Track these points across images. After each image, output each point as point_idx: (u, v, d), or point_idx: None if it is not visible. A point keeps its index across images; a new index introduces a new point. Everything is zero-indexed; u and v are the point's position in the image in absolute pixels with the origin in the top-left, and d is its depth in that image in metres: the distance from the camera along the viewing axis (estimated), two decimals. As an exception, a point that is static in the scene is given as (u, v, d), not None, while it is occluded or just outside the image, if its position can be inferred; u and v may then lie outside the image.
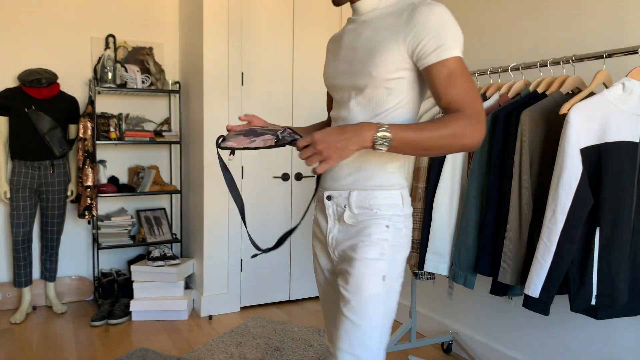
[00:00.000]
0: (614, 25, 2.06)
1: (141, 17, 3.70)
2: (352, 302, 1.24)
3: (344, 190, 1.33)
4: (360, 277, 1.25)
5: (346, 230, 1.34)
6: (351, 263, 1.28)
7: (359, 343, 1.23)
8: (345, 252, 1.34)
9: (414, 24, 1.18)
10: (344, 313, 1.25)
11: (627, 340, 2.02)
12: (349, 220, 1.33)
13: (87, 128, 3.28)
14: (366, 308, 1.24)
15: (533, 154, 1.86)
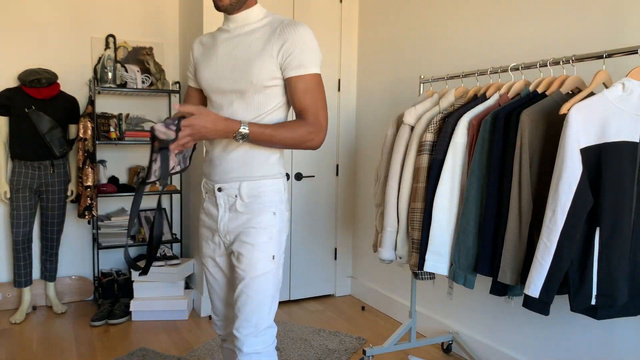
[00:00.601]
0: (614, 25, 2.06)
1: (141, 17, 3.70)
2: (247, 280, 1.49)
3: (235, 182, 1.53)
4: (254, 259, 1.50)
5: (237, 217, 1.54)
6: (245, 247, 1.51)
7: (253, 312, 1.49)
8: (238, 237, 1.54)
9: (283, 40, 1.46)
10: (242, 289, 1.49)
11: (627, 340, 2.02)
12: (241, 208, 1.53)
13: (87, 128, 3.28)
14: (259, 283, 1.49)
15: (533, 154, 1.86)
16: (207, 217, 1.62)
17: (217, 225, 1.58)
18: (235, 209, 1.54)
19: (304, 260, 3.67)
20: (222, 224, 1.57)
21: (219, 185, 1.55)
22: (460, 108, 2.27)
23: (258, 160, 1.53)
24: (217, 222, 1.57)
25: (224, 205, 1.56)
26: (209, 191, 1.61)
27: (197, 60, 1.63)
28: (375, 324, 3.29)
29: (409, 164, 2.32)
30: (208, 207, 1.62)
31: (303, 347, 2.86)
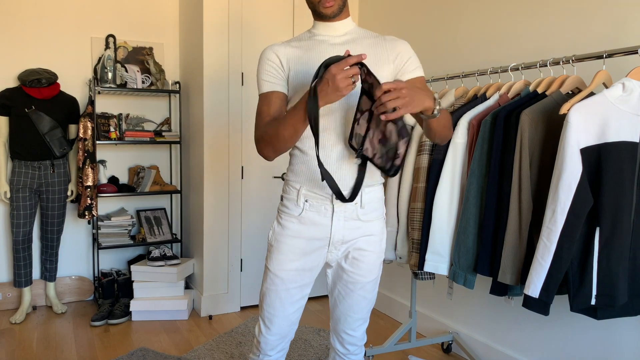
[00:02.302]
0: (614, 25, 2.06)
1: (141, 17, 3.70)
2: (367, 284, 1.56)
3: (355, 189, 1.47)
4: (372, 265, 1.55)
5: (355, 227, 1.51)
6: (363, 253, 1.53)
7: (368, 310, 1.61)
8: (353, 244, 1.53)
9: (398, 48, 1.50)
10: (357, 292, 1.56)
11: (627, 340, 2.02)
12: (363, 217, 1.51)
13: (87, 128, 3.28)
14: (375, 285, 1.59)
15: (533, 154, 1.86)
16: (308, 227, 1.52)
17: (328, 235, 1.51)
18: (355, 218, 1.51)
19: (304, 260, 3.67)
20: (338, 234, 1.50)
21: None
22: (460, 108, 2.26)
23: (369, 164, 1.49)
24: (330, 232, 1.50)
25: (341, 213, 1.49)
26: (312, 199, 1.50)
27: (292, 61, 1.49)
28: (376, 324, 3.29)
29: (409, 164, 2.32)
30: (311, 217, 1.51)
31: (303, 347, 2.86)
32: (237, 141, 3.34)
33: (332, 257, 1.56)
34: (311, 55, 1.49)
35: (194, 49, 3.41)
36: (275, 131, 1.40)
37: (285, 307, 1.58)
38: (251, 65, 3.36)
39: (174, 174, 3.87)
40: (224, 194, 3.34)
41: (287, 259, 1.53)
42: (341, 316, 1.60)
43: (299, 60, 1.49)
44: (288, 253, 1.53)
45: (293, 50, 1.51)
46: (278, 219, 1.57)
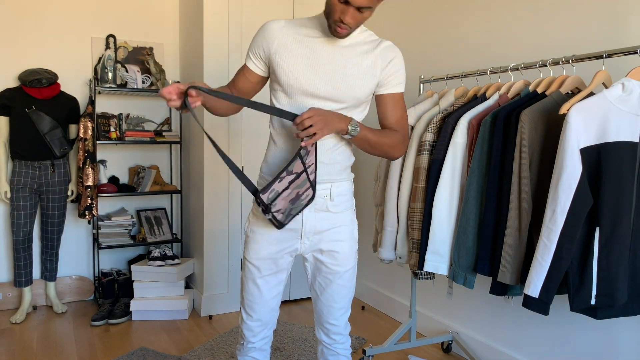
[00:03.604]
0: (614, 25, 2.06)
1: (141, 17, 3.70)
2: (341, 273, 1.63)
3: (325, 182, 1.58)
4: (348, 254, 1.63)
5: (326, 218, 1.60)
6: (337, 244, 1.61)
7: (349, 299, 1.69)
8: (326, 236, 1.61)
9: (388, 59, 1.54)
10: (337, 281, 1.63)
11: (627, 340, 2.02)
12: (332, 208, 1.60)
13: (88, 128, 3.28)
14: (352, 274, 1.67)
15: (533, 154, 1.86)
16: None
17: (300, 225, 1.59)
18: (325, 210, 1.59)
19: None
20: (308, 224, 1.59)
21: None
22: (460, 108, 2.27)
23: (341, 163, 1.59)
24: (301, 223, 1.59)
25: (311, 206, 1.58)
26: None
27: (280, 50, 1.52)
28: (376, 324, 3.29)
29: (409, 164, 2.32)
30: None
31: (303, 347, 2.86)
32: (237, 141, 3.34)
33: (305, 248, 1.62)
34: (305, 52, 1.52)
35: (194, 49, 3.41)
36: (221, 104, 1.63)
37: (263, 294, 1.66)
38: (251, 65, 3.36)
39: (174, 174, 3.87)
40: (224, 194, 3.34)
41: (261, 248, 1.61)
42: (323, 308, 1.67)
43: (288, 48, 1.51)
44: (262, 242, 1.61)
45: (291, 35, 1.52)
46: (253, 210, 1.65)
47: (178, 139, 3.59)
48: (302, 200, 1.48)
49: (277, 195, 1.44)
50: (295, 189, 1.46)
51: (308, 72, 1.50)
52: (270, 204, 1.44)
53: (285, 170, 1.43)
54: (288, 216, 1.49)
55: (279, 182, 1.43)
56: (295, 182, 1.45)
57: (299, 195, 1.47)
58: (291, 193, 1.46)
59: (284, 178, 1.43)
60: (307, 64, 1.50)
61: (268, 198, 1.43)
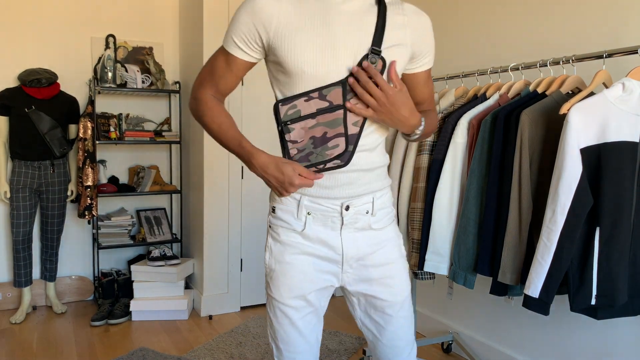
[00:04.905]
0: (614, 25, 2.06)
1: (141, 17, 3.70)
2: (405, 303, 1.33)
3: (367, 194, 1.27)
4: (404, 277, 1.32)
5: (369, 237, 1.29)
6: (388, 268, 1.30)
7: (413, 330, 1.37)
8: (373, 260, 1.29)
9: (419, 30, 1.24)
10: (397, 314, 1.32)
11: (627, 340, 2.02)
12: (375, 225, 1.29)
13: (87, 128, 3.28)
14: (410, 301, 1.36)
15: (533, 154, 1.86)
16: (314, 243, 1.27)
17: (339, 252, 1.27)
18: (368, 228, 1.28)
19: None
20: (349, 247, 1.27)
21: (347, 202, 1.24)
22: (460, 108, 2.26)
23: (379, 166, 1.28)
24: (341, 248, 1.27)
25: (350, 225, 1.26)
26: (316, 211, 1.25)
27: (282, 30, 1.15)
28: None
29: (408, 164, 2.32)
30: (316, 232, 1.26)
31: (303, 347, 2.86)
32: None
33: (348, 278, 1.30)
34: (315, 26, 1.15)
35: (194, 49, 3.41)
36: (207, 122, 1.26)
37: (307, 338, 1.30)
38: (251, 65, 3.36)
39: (174, 174, 3.87)
40: (224, 194, 3.33)
41: (294, 282, 1.26)
42: (387, 350, 1.35)
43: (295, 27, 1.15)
44: (295, 273, 1.26)
45: (290, 9, 1.15)
46: (274, 237, 1.29)
47: (178, 139, 3.59)
48: (328, 149, 1.16)
49: (298, 117, 1.15)
50: (324, 125, 1.15)
51: (329, 53, 1.14)
52: (287, 122, 1.15)
53: (317, 91, 1.13)
54: (306, 161, 1.17)
55: (306, 100, 1.13)
56: (326, 115, 1.14)
57: (325, 138, 1.15)
58: (316, 127, 1.15)
59: (313, 99, 1.13)
60: (326, 42, 1.15)
61: (286, 114, 1.15)
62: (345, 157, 1.16)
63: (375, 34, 1.16)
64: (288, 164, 1.16)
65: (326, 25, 1.14)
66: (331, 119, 1.15)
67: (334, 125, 1.15)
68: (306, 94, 1.14)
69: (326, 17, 1.15)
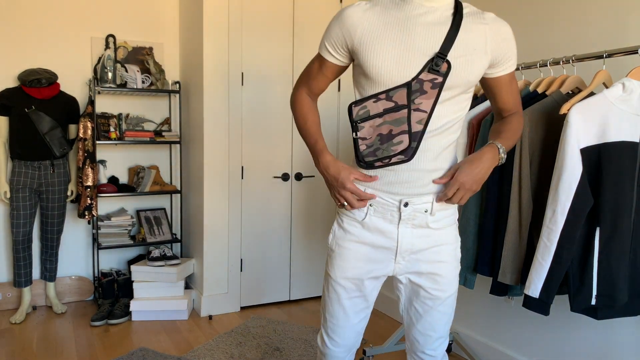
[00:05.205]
0: (614, 25, 2.06)
1: (141, 17, 3.70)
2: (447, 300, 1.43)
3: (427, 194, 1.37)
4: (451, 278, 1.42)
5: (425, 235, 1.39)
6: (438, 266, 1.41)
7: (448, 327, 1.48)
8: (425, 256, 1.40)
9: (500, 36, 1.32)
10: (437, 308, 1.43)
11: (627, 340, 2.02)
12: (433, 224, 1.39)
13: (87, 128, 3.28)
14: (453, 300, 1.46)
15: (533, 154, 1.86)
16: (372, 233, 1.40)
17: (394, 243, 1.39)
18: (425, 226, 1.38)
19: (304, 260, 3.67)
20: (404, 242, 1.39)
21: (406, 199, 1.36)
22: (460, 108, 2.26)
23: (446, 168, 1.38)
24: (397, 240, 1.39)
25: (408, 221, 1.37)
26: (377, 204, 1.39)
27: (366, 38, 1.30)
28: (376, 324, 3.29)
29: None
30: (376, 223, 1.39)
31: (303, 347, 2.86)
32: (237, 141, 3.34)
33: (400, 269, 1.43)
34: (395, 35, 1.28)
35: (194, 49, 3.41)
36: (299, 115, 1.49)
37: (350, 318, 1.48)
38: (251, 65, 3.36)
39: (174, 174, 3.87)
40: (224, 194, 3.33)
41: (350, 266, 1.43)
42: (419, 336, 1.47)
43: (375, 34, 1.29)
44: (351, 259, 1.42)
45: (374, 20, 1.30)
46: (339, 222, 1.46)
47: (178, 139, 3.59)
48: (393, 145, 1.28)
49: (367, 116, 1.29)
50: (390, 123, 1.28)
51: (404, 60, 1.27)
52: (357, 122, 1.30)
53: (385, 93, 1.28)
54: (373, 156, 1.30)
55: (375, 101, 1.28)
56: (392, 115, 1.27)
57: (391, 135, 1.28)
58: (383, 125, 1.28)
59: (381, 100, 1.28)
60: (402, 50, 1.27)
61: (358, 114, 1.31)
62: (409, 152, 1.29)
63: (445, 41, 1.27)
64: (347, 169, 1.36)
65: (404, 35, 1.28)
66: (396, 117, 1.28)
67: (399, 124, 1.28)
68: (375, 95, 1.29)
69: (405, 27, 1.28)
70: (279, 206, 3.54)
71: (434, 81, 1.26)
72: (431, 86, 1.27)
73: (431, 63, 1.25)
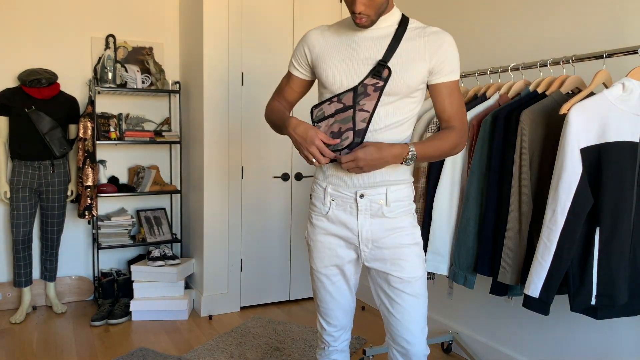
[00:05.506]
0: (614, 25, 2.06)
1: (141, 17, 3.70)
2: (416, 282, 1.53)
3: (380, 186, 1.52)
4: (414, 261, 1.53)
5: (382, 223, 1.53)
6: (399, 251, 1.53)
7: (423, 312, 1.57)
8: (385, 243, 1.54)
9: (437, 45, 1.46)
10: (408, 292, 1.53)
11: (627, 340, 2.02)
12: (388, 214, 1.52)
13: (87, 128, 3.28)
14: (423, 284, 1.56)
15: (533, 154, 1.86)
16: (336, 225, 1.58)
17: (356, 233, 1.55)
18: (381, 215, 1.53)
19: (304, 260, 3.67)
20: (364, 231, 1.54)
21: (362, 191, 1.52)
22: (460, 108, 2.26)
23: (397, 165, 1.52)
24: (358, 230, 1.55)
25: (365, 211, 1.53)
26: (337, 198, 1.56)
27: (321, 54, 1.56)
28: (375, 324, 3.29)
29: (409, 164, 2.32)
30: (338, 215, 1.57)
31: (303, 347, 2.86)
32: (237, 141, 3.34)
33: (366, 256, 1.58)
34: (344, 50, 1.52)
35: (194, 49, 3.41)
36: (269, 113, 1.69)
37: (337, 299, 1.67)
38: (251, 65, 3.36)
39: (174, 174, 3.87)
40: (224, 194, 3.34)
41: (325, 256, 1.62)
42: (397, 323, 1.57)
43: (329, 50, 1.54)
44: (324, 250, 1.61)
45: (329, 39, 1.56)
46: (310, 219, 1.65)
47: (178, 139, 3.59)
48: (342, 141, 1.47)
49: (323, 117, 1.50)
50: (339, 122, 1.48)
51: (350, 69, 1.50)
52: (316, 121, 1.52)
53: (337, 96, 1.49)
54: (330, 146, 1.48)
55: (329, 104, 1.50)
56: (341, 115, 1.48)
57: (340, 132, 1.47)
58: (334, 124, 1.48)
59: (333, 102, 1.49)
60: (349, 62, 1.50)
61: (316, 115, 1.52)
62: (353, 147, 1.46)
63: (387, 50, 1.47)
64: (313, 129, 1.46)
65: (351, 49, 1.51)
66: (344, 117, 1.48)
67: (346, 122, 1.47)
68: (329, 99, 1.50)
69: (353, 43, 1.52)
70: (279, 206, 3.54)
71: (376, 85, 1.46)
72: (373, 89, 1.46)
73: (374, 70, 1.45)
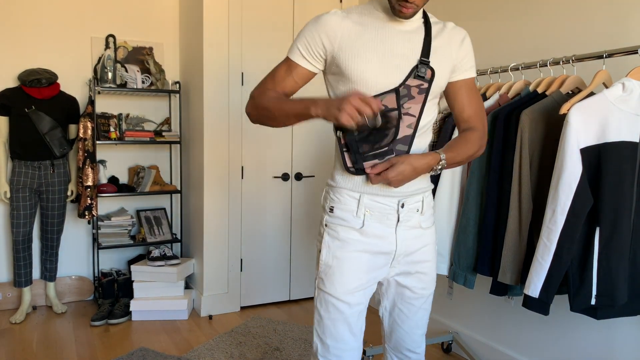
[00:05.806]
0: (614, 25, 2.06)
1: (141, 17, 3.70)
2: (429, 297, 1.47)
3: (418, 194, 1.40)
4: (434, 276, 1.46)
5: (417, 236, 1.41)
6: (425, 265, 1.43)
7: (427, 321, 1.51)
8: (416, 257, 1.42)
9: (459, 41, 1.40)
10: (421, 307, 1.46)
11: (627, 340, 2.02)
12: (423, 224, 1.42)
13: (87, 128, 3.28)
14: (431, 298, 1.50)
15: (533, 154, 1.86)
16: (371, 239, 1.36)
17: (393, 248, 1.38)
18: (418, 227, 1.40)
19: (304, 260, 3.67)
20: (403, 245, 1.38)
21: (403, 200, 1.36)
22: (460, 108, 2.26)
23: None
24: (395, 244, 1.38)
25: (404, 222, 1.38)
26: (375, 209, 1.36)
27: (345, 46, 1.29)
28: (376, 323, 3.29)
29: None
30: (374, 229, 1.36)
31: (303, 347, 2.86)
32: (237, 141, 3.34)
33: (391, 272, 1.42)
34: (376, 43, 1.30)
35: (194, 49, 3.41)
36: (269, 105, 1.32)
37: (357, 336, 1.38)
38: (251, 65, 3.36)
39: (174, 174, 3.87)
40: (224, 194, 3.33)
41: (352, 278, 1.35)
42: (405, 335, 1.47)
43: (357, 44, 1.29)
44: (354, 271, 1.35)
45: (353, 29, 1.31)
46: (330, 234, 1.38)
47: (178, 139, 3.59)
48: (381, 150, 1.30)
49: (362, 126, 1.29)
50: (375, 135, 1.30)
51: (384, 67, 1.30)
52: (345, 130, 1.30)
53: (378, 97, 1.29)
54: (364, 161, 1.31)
55: None
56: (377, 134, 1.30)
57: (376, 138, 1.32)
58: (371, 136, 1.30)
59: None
60: (383, 57, 1.30)
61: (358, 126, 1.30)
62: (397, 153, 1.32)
63: (424, 47, 1.32)
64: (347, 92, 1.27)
65: (384, 43, 1.30)
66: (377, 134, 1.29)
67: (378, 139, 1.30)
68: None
69: (385, 35, 1.31)
70: (279, 206, 3.54)
71: (421, 87, 1.32)
72: (418, 91, 1.31)
73: (416, 70, 1.30)
